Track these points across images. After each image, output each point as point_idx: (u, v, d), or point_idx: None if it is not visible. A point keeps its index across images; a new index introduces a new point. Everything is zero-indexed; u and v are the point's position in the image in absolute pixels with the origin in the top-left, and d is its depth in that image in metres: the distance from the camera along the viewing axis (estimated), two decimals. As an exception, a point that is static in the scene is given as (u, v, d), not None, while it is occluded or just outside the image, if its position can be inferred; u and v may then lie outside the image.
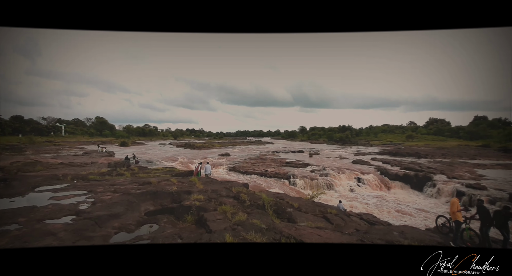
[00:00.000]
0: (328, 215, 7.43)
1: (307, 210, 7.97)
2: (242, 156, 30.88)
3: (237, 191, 8.25)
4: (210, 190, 8.49)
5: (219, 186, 9.50)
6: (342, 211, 9.38)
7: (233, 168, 21.08)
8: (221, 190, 8.61)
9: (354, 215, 9.05)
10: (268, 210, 6.59)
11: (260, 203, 7.08)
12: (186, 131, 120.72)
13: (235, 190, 8.43)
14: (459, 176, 16.70)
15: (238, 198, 7.57)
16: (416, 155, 28.46)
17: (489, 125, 51.33)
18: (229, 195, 7.98)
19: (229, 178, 17.33)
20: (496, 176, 17.14)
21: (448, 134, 53.14)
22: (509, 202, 11.27)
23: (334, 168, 20.86)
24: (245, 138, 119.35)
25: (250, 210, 6.69)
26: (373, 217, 8.87)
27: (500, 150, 32.03)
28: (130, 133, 76.44)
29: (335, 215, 7.43)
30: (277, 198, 8.61)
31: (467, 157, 27.00)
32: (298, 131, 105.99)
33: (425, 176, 16.71)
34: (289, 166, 22.32)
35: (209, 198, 7.43)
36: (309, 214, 7.71)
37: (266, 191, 11.89)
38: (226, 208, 6.25)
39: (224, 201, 7.26)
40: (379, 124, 79.11)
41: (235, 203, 7.14)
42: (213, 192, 8.26)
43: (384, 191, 16.79)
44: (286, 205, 7.86)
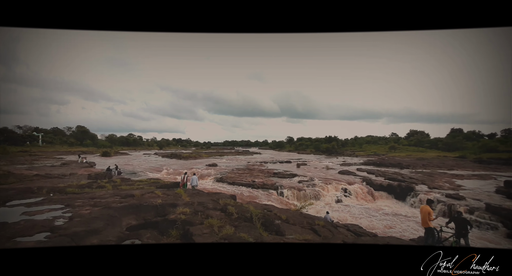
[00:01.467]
0: (316, 226, 7.42)
1: (295, 221, 7.92)
2: (229, 166, 30.56)
3: (225, 203, 8.09)
4: (196, 203, 8.27)
5: (206, 198, 9.28)
6: (330, 222, 9.41)
7: (221, 179, 20.75)
8: (208, 202, 8.41)
9: (341, 226, 9.09)
10: (256, 223, 6.48)
11: (248, 215, 6.96)
12: (173, 141, 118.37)
13: (222, 202, 8.26)
14: (439, 186, 17.37)
15: (225, 210, 7.41)
16: (398, 166, 29.44)
17: (465, 138, 54.44)
18: (216, 208, 7.80)
19: (216, 189, 17.01)
20: (473, 186, 18.00)
21: (428, 146, 55.64)
22: (486, 212, 11.80)
23: (321, 178, 21.08)
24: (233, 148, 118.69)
25: (237, 223, 6.55)
26: (359, 228, 8.95)
27: (476, 161, 33.85)
28: (113, 143, 73.81)
29: (323, 227, 7.43)
30: (265, 210, 8.51)
31: (446, 167, 28.26)
32: (285, 141, 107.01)
33: (408, 186, 17.24)
34: (277, 177, 22.31)
35: (195, 211, 7.21)
36: (297, 225, 7.66)
37: (254, 203, 11.74)
38: (213, 221, 6.08)
39: (211, 213, 7.07)
40: (364, 136, 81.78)
41: (222, 216, 6.98)
42: (200, 205, 8.05)
43: (370, 201, 17.09)
44: (274, 217, 7.78)
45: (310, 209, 13.67)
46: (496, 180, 19.99)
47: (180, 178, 12.97)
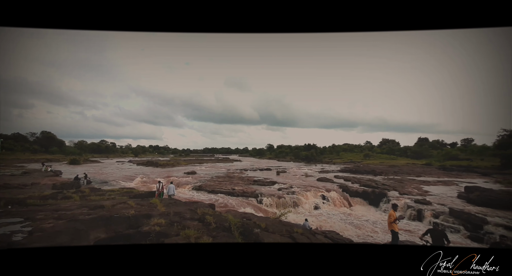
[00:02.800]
0: (295, 234, 7.45)
1: (274, 230, 7.89)
2: (209, 174, 29.95)
3: (203, 213, 7.86)
4: (172, 213, 7.94)
5: (183, 208, 8.96)
6: (308, 229, 9.51)
7: (200, 187, 20.22)
8: (185, 212, 8.11)
9: (319, 233, 9.22)
10: (234, 232, 6.36)
11: (227, 224, 6.81)
12: (149, 148, 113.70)
13: (200, 211, 8.02)
14: (408, 192, 18.45)
15: (203, 220, 7.19)
16: (372, 173, 30.90)
17: (430, 146, 58.85)
18: (193, 218, 7.54)
19: (194, 198, 16.51)
20: (438, 191, 19.38)
21: (398, 153, 59.22)
22: (449, 216, 12.71)
23: (301, 185, 21.40)
24: (213, 155, 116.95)
25: (215, 233, 6.38)
26: (336, 234, 9.14)
27: (440, 168, 36.61)
28: (82, 150, 69.02)
29: (301, 234, 7.47)
30: (244, 218, 8.40)
31: (414, 174, 30.19)
32: (266, 149, 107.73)
33: (381, 193, 18.09)
34: (257, 184, 22.25)
35: (171, 222, 6.91)
36: (276, 234, 7.63)
37: (233, 211, 11.56)
38: (189, 232, 5.86)
39: (188, 224, 6.81)
40: (341, 144, 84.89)
41: (200, 226, 6.76)
42: (176, 215, 7.74)
43: (346, 208, 17.62)
44: (253, 226, 7.70)
45: (290, 216, 13.77)
46: (458, 185, 21.72)
47: (156, 186, 12.42)
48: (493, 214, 12.66)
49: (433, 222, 6.65)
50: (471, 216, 12.03)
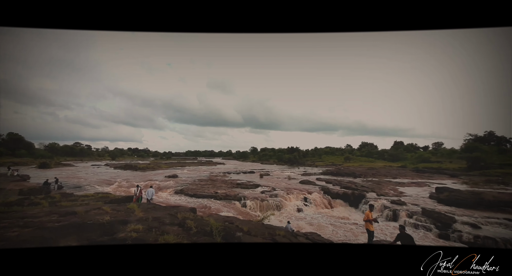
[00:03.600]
0: (277, 237, 7.47)
1: (257, 233, 7.86)
2: (191, 177, 29.32)
3: (183, 217, 7.65)
4: (151, 218, 7.65)
5: (163, 212, 8.66)
6: (290, 231, 9.59)
7: (181, 191, 19.70)
8: (165, 217, 7.85)
9: (301, 235, 9.33)
10: (216, 237, 6.25)
11: (208, 229, 6.68)
12: (128, 151, 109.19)
13: (180, 216, 7.80)
14: (385, 193, 19.28)
15: (183, 225, 6.99)
16: (352, 175, 31.96)
17: (405, 149, 62.18)
18: (173, 222, 7.31)
19: (175, 202, 16.04)
20: (412, 192, 20.46)
21: (376, 156, 61.86)
22: (422, 215, 13.44)
23: (284, 188, 21.60)
24: (196, 158, 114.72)
25: (196, 237, 6.23)
26: (317, 235, 9.30)
27: (414, 170, 38.71)
28: (54, 153, 64.62)
29: (283, 237, 7.51)
30: (226, 222, 8.29)
31: (391, 176, 31.66)
32: (249, 152, 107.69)
33: (360, 194, 18.74)
34: (240, 187, 22.12)
35: (149, 227, 6.65)
36: (259, 237, 7.61)
37: (215, 215, 11.37)
38: (168, 237, 5.67)
39: (167, 229, 6.60)
40: (323, 147, 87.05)
41: (180, 231, 6.56)
42: (155, 220, 7.46)
43: (328, 209, 18.03)
44: (236, 229, 7.62)
45: (273, 219, 13.81)
46: (429, 186, 23.08)
47: (134, 191, 11.92)
48: (461, 213, 13.58)
49: (399, 226, 6.83)
50: (441, 215, 12.81)
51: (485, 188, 21.18)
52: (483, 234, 10.87)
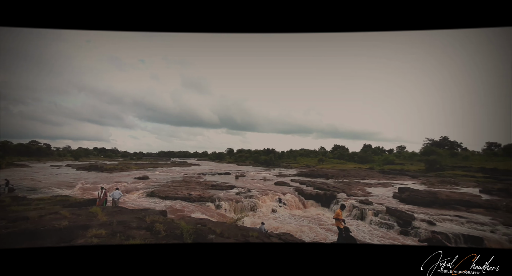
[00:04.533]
0: (250, 238, 7.43)
1: (230, 235, 7.75)
2: (164, 178, 28.14)
3: (152, 221, 7.27)
4: (116, 222, 7.14)
5: (130, 216, 8.16)
6: (264, 232, 9.62)
7: (152, 193, 18.77)
8: (132, 221, 7.39)
9: (274, 235, 9.40)
10: (186, 240, 6.02)
11: (178, 232, 6.42)
12: (94, 150, 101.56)
13: (149, 219, 7.40)
14: (354, 194, 20.32)
15: (151, 228, 6.64)
16: (325, 176, 33.20)
17: (373, 152, 66.28)
18: (141, 226, 6.91)
19: (144, 205, 15.23)
20: (378, 192, 21.83)
21: (347, 158, 65.08)
22: (386, 214, 14.38)
23: (259, 189, 21.68)
24: (169, 159, 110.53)
25: (165, 241, 5.94)
26: (290, 236, 9.44)
27: (380, 172, 41.41)
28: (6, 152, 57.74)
29: (256, 238, 7.50)
30: (198, 225, 8.06)
31: (360, 177, 33.49)
32: (225, 153, 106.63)
33: (332, 195, 19.51)
34: (215, 189, 21.76)
35: (113, 232, 6.20)
36: (232, 239, 7.51)
37: (188, 217, 11.01)
38: (134, 242, 5.33)
39: (133, 234, 6.20)
40: (298, 149, 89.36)
41: (148, 235, 6.22)
42: (120, 224, 6.98)
43: (301, 210, 18.47)
44: (208, 232, 7.43)
45: (247, 220, 13.76)
46: (393, 187, 24.83)
47: (98, 193, 11.08)
48: (419, 211, 14.78)
49: (345, 228, 7.17)
50: (402, 213, 13.82)
51: (439, 188, 23.37)
52: (437, 230, 11.93)
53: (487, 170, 33.74)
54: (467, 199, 16.80)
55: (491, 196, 19.03)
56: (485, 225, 12.37)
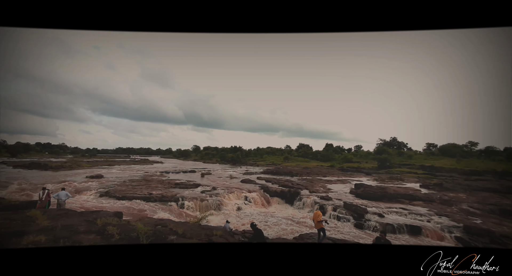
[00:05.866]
0: (213, 237, 7.28)
1: (192, 235, 7.48)
2: (121, 177, 26.02)
3: (104, 223, 6.62)
4: (60, 226, 6.33)
5: (78, 219, 7.32)
6: (228, 230, 9.52)
7: (106, 193, 17.20)
8: (80, 224, 6.63)
9: (238, 233, 9.38)
10: (142, 242, 5.60)
11: (134, 235, 5.95)
12: (36, 146, 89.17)
13: (101, 222, 6.73)
14: (316, 190, 21.44)
15: (103, 232, 6.04)
16: (290, 174, 34.39)
17: (334, 151, 70.87)
18: (90, 230, 6.23)
19: (97, 207, 13.88)
20: (337, 189, 23.40)
21: (311, 157, 68.38)
22: (343, 208, 15.47)
23: (225, 187, 21.45)
24: (128, 156, 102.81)
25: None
26: (254, 233, 9.53)
27: (340, 169, 44.47)
28: None
29: (220, 237, 7.38)
30: (158, 226, 7.62)
31: (322, 174, 35.48)
32: (191, 150, 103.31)
33: (295, 191, 20.27)
34: (179, 187, 20.89)
35: (55, 238, 5.47)
36: (194, 239, 7.25)
37: (147, 218, 10.34)
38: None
39: (80, 239, 5.56)
40: (264, 147, 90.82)
41: (98, 240, 5.63)
42: (65, 229, 6.21)
43: (266, 207, 18.81)
44: (169, 233, 7.06)
45: (212, 219, 13.49)
46: (350, 183, 26.88)
47: (39, 194, 9.71)
48: (371, 205, 16.25)
49: (251, 223, 7.34)
50: (357, 207, 15.03)
51: (388, 183, 26.03)
52: (385, 222, 13.26)
53: (426, 167, 38.73)
54: (410, 193, 19.03)
55: (428, 190, 21.87)
56: (423, 216, 14.15)
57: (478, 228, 11.86)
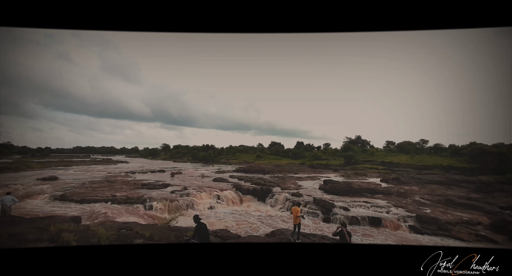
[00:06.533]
0: (185, 238, 7.04)
1: (161, 237, 7.16)
2: (79, 179, 23.84)
3: (59, 230, 5.99)
4: (5, 235, 5.57)
5: (27, 226, 6.51)
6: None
7: (62, 197, 15.64)
8: (29, 232, 5.90)
9: (211, 233, 9.22)
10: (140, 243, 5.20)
11: (95, 240, 5.48)
12: (-26, 144, 77.18)
13: (55, 228, 6.07)
14: (287, 187, 22.04)
15: (58, 239, 5.45)
16: (262, 172, 34.82)
17: (304, 149, 73.46)
18: (42, 238, 5.58)
19: (51, 212, 12.53)
20: (307, 185, 24.34)
21: (283, 155, 69.99)
22: (313, 203, 16.14)
23: (196, 186, 20.92)
24: (89, 155, 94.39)
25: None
26: (227, 232, 9.46)
27: (310, 166, 46.31)
28: None
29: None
30: (122, 230, 7.13)
31: (293, 172, 36.58)
32: (160, 149, 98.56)
33: (267, 189, 20.59)
34: (146, 188, 19.83)
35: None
36: (163, 241, 6.95)
37: (110, 222, 9.63)
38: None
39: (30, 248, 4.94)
40: (237, 145, 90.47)
41: (52, 248, 5.07)
42: (11, 238, 5.48)
43: (238, 205, 18.80)
44: (134, 236, 6.66)
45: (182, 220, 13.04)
46: (320, 179, 28.16)
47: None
48: (338, 200, 17.23)
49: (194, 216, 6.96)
50: (326, 202, 15.81)
51: (353, 179, 27.84)
52: (350, 215, 14.18)
53: (385, 163, 42.28)
54: (371, 187, 20.58)
55: (387, 184, 23.90)
56: (383, 208, 15.43)
57: (427, 217, 13.31)
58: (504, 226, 12.08)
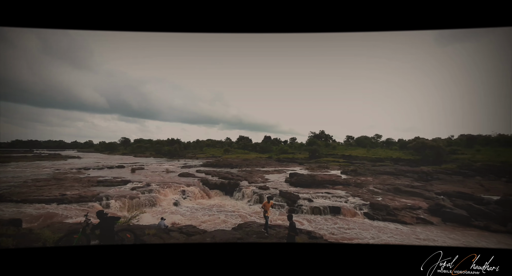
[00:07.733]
0: (145, 237, 6.69)
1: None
2: (20, 176, 20.86)
3: (-9, 236, 5.16)
4: None
5: None
6: (163, 228, 8.92)
7: (-4, 198, 13.49)
8: (-51, 241, 4.96)
9: (175, 229, 8.92)
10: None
11: (39, 244, 4.87)
12: None
13: (-14, 234, 5.21)
14: (255, 181, 22.37)
15: (-10, 247, 4.70)
16: (230, 166, 34.71)
17: (272, 143, 75.13)
18: (-32, 247, 4.75)
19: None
20: (274, 178, 25.02)
21: (250, 149, 70.58)
22: (279, 196, 16.68)
23: (160, 182, 19.94)
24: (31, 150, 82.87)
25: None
26: (192, 227, 9.25)
27: (277, 160, 47.62)
28: None
29: (153, 235, 6.85)
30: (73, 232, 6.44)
31: (260, 166, 37.20)
32: (119, 143, 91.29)
33: (235, 183, 20.63)
34: (102, 185, 18.28)
35: None
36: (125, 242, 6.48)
37: (58, 224, 8.65)
38: None
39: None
40: (204, 139, 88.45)
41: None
42: None
43: (206, 200, 18.50)
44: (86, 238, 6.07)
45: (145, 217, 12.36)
46: (286, 173, 29.17)
47: None
48: (303, 192, 18.09)
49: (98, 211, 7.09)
50: (291, 195, 16.48)
51: (317, 171, 29.48)
52: (314, 205, 15.03)
53: (346, 156, 45.61)
54: (333, 179, 22.07)
55: (346, 176, 25.86)
56: (342, 198, 16.69)
57: (379, 204, 14.81)
58: (439, 210, 14.09)
